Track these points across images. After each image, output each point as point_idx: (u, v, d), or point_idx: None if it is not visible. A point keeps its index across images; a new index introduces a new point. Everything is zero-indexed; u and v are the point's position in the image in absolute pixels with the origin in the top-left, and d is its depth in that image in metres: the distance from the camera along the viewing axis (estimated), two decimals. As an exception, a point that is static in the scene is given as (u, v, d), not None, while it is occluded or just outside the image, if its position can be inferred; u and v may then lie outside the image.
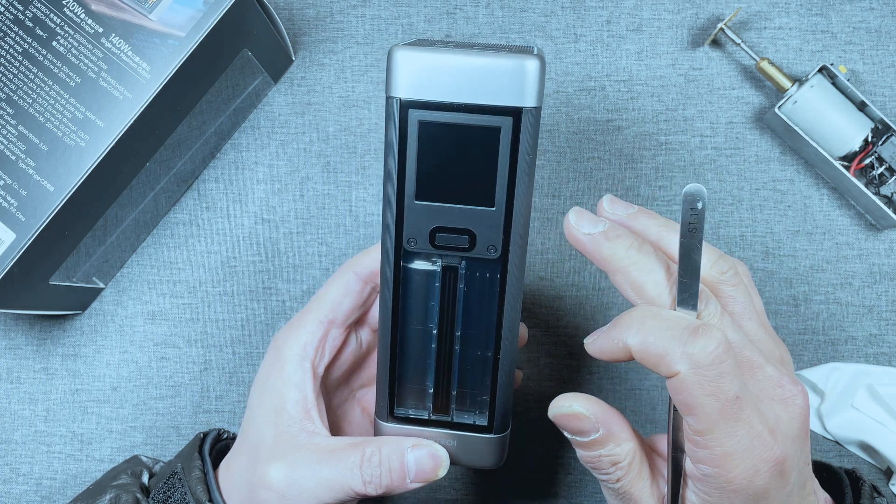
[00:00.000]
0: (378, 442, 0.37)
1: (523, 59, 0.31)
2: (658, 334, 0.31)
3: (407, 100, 0.32)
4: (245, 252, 0.54)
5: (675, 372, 0.30)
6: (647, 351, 0.31)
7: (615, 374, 0.52)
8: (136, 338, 0.53)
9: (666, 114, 0.54)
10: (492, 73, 0.31)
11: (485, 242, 0.34)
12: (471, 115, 0.32)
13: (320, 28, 0.55)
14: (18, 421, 0.53)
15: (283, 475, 0.36)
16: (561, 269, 0.53)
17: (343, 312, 0.39)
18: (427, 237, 0.34)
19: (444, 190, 0.33)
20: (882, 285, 0.52)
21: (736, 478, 0.31)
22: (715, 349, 0.30)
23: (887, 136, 0.50)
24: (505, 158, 0.32)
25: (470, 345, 0.36)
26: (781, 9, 0.54)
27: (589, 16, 0.55)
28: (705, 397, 0.30)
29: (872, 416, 0.50)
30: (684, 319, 0.31)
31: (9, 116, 0.44)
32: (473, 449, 0.37)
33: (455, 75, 0.31)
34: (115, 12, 0.44)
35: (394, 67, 0.31)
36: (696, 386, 0.30)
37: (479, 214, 0.33)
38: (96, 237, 0.49)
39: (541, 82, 0.31)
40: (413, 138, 0.32)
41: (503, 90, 0.31)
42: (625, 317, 0.32)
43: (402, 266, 0.35)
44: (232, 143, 0.54)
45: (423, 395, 0.37)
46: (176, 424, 0.53)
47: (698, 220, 0.31)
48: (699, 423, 0.30)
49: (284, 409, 0.38)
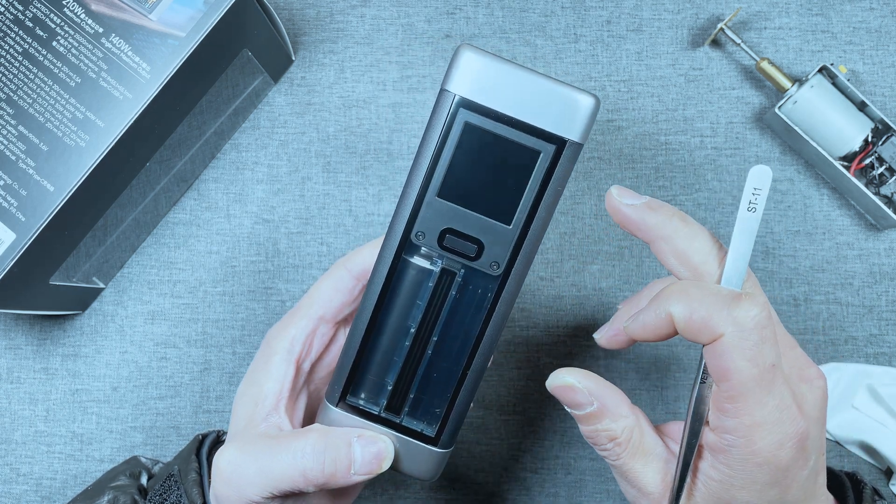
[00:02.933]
0: (323, 430, 0.36)
1: (581, 94, 0.32)
2: (703, 300, 0.31)
3: (461, 98, 0.32)
4: (245, 252, 0.54)
5: (718, 334, 0.31)
6: (691, 317, 0.31)
7: (615, 374, 0.52)
8: (136, 338, 0.53)
9: (666, 114, 0.54)
10: (549, 97, 0.32)
11: (491, 257, 0.34)
12: (517, 132, 0.32)
13: (320, 28, 0.55)
14: (18, 421, 0.53)
15: (229, 460, 0.36)
16: (561, 269, 0.53)
17: (333, 309, 0.39)
18: (436, 235, 0.34)
19: (467, 194, 0.33)
20: (882, 285, 0.52)
21: (762, 449, 0.31)
22: (759, 313, 0.30)
23: (887, 136, 0.50)
24: (536, 183, 0.33)
25: (442, 353, 0.36)
26: (781, 9, 0.54)
27: (589, 16, 0.55)
28: (745, 361, 0.30)
29: (872, 416, 0.50)
30: (725, 288, 0.32)
31: (9, 116, 0.44)
32: (413, 457, 0.37)
33: (514, 89, 0.32)
34: (115, 12, 0.44)
35: (457, 63, 0.32)
36: (737, 350, 0.30)
37: (494, 228, 0.34)
38: (96, 237, 0.49)
39: (591, 121, 0.32)
40: (455, 136, 0.33)
41: (555, 117, 0.32)
42: (666, 290, 0.33)
43: (401, 257, 0.35)
44: (232, 143, 0.54)
45: (380, 389, 0.37)
46: (176, 424, 0.53)
47: (759, 201, 0.32)
48: (733, 388, 0.31)
49: (261, 401, 0.38)
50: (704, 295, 0.31)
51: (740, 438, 0.31)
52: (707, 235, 0.33)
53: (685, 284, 0.32)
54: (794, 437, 0.31)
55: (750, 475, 0.32)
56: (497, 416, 0.52)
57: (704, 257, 0.33)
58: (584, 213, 0.53)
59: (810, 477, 0.32)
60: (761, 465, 0.31)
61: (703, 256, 0.33)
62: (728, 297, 0.31)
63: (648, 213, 0.33)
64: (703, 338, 0.31)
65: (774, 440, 0.31)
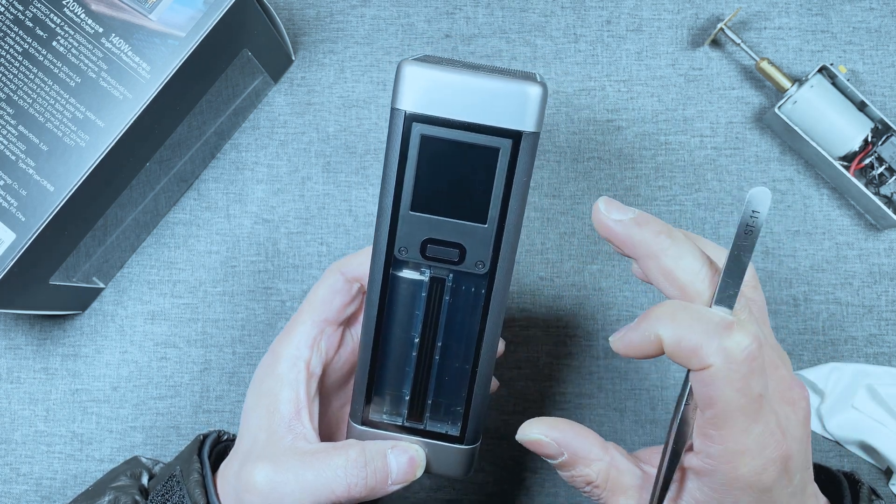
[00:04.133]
0: (361, 445, 0.37)
1: (527, 85, 0.32)
2: (692, 327, 0.31)
3: (411, 113, 0.33)
4: (245, 252, 0.54)
5: (707, 365, 0.30)
6: (680, 344, 0.31)
7: (615, 374, 0.52)
8: (136, 338, 0.53)
9: (666, 114, 0.54)
10: (496, 95, 0.32)
11: (474, 258, 0.35)
12: (472, 134, 0.33)
13: (320, 28, 0.55)
14: (18, 421, 0.53)
15: (267, 478, 0.36)
16: (561, 269, 0.53)
17: (334, 310, 0.40)
18: (418, 247, 0.35)
19: (439, 203, 0.34)
20: (882, 285, 0.52)
21: (745, 475, 0.31)
22: (749, 344, 0.30)
23: (887, 136, 0.50)
24: (501, 178, 0.33)
25: (449, 356, 0.37)
26: (781, 9, 0.54)
27: (589, 16, 0.55)
28: (732, 392, 0.30)
29: (872, 416, 0.50)
30: (717, 314, 0.31)
31: (9, 116, 0.44)
32: (444, 458, 0.38)
33: (460, 94, 0.32)
34: (115, 12, 0.44)
35: (401, 81, 0.32)
36: (725, 381, 0.30)
37: (471, 230, 0.34)
38: (96, 237, 0.49)
39: (542, 109, 0.33)
40: (414, 151, 0.33)
41: (505, 113, 0.32)
42: (655, 310, 0.32)
43: (391, 274, 0.35)
44: (232, 143, 0.54)
45: (399, 401, 0.38)
46: (176, 424, 0.53)
47: (757, 223, 0.31)
48: (718, 416, 0.31)
49: (277, 410, 0.38)
50: (694, 321, 0.31)
51: (724, 464, 0.31)
52: (696, 254, 0.33)
53: (674, 306, 0.32)
54: (777, 461, 0.31)
55: (733, 497, 0.32)
56: (497, 416, 0.52)
57: (692, 277, 0.32)
58: (584, 213, 0.53)
59: (795, 493, 0.33)
60: (744, 488, 0.31)
61: (691, 276, 0.32)
62: (719, 325, 0.30)
63: (635, 229, 0.33)
64: (691, 365, 0.31)
65: (758, 465, 0.31)
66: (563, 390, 0.52)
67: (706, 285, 0.32)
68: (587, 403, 0.52)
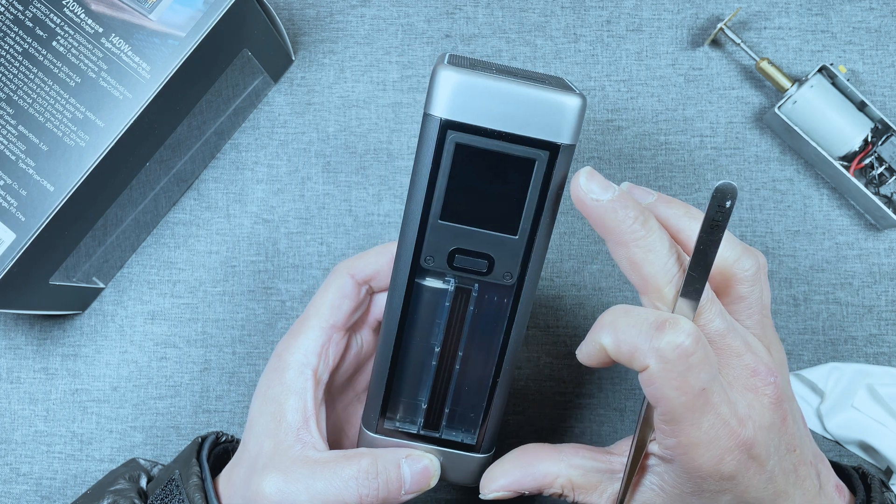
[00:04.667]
0: (373, 454, 0.36)
1: (566, 96, 0.31)
2: (627, 331, 0.31)
3: (447, 120, 0.31)
4: (245, 252, 0.54)
5: (644, 366, 0.31)
6: (619, 349, 0.32)
7: (615, 374, 0.52)
8: (136, 338, 0.53)
9: (666, 114, 0.54)
10: (535, 105, 0.31)
11: (502, 269, 0.34)
12: (508, 144, 0.32)
13: (320, 28, 0.55)
14: (18, 421, 0.53)
15: (277, 488, 0.36)
16: (561, 269, 0.53)
17: (343, 316, 0.39)
18: (445, 257, 0.34)
19: (469, 213, 0.33)
20: (882, 285, 0.52)
21: (702, 465, 0.32)
22: (681, 343, 0.30)
23: (887, 136, 0.50)
24: (536, 190, 0.32)
25: (470, 365, 0.36)
26: (781, 9, 0.54)
27: (589, 16, 0.55)
28: (672, 391, 0.30)
29: (872, 416, 0.50)
30: (652, 314, 0.31)
31: (9, 116, 0.44)
32: (459, 466, 0.38)
33: (497, 103, 0.31)
34: (115, 12, 0.44)
35: (436, 86, 0.31)
36: (662, 380, 0.30)
37: (502, 241, 0.33)
38: (96, 237, 0.49)
39: (580, 121, 0.32)
40: (447, 159, 0.32)
41: (544, 124, 0.31)
42: (600, 318, 0.33)
43: (415, 282, 0.35)
44: (232, 143, 0.54)
45: (415, 409, 0.37)
46: (176, 425, 0.53)
47: (723, 217, 0.31)
48: (665, 413, 0.31)
49: (284, 418, 0.37)
50: (629, 325, 0.31)
51: (681, 456, 0.32)
52: (666, 247, 0.32)
53: (615, 313, 0.32)
54: (734, 449, 0.31)
55: (697, 485, 0.33)
56: (497, 416, 0.52)
57: (657, 271, 0.32)
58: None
59: (777, 476, 0.33)
60: (705, 477, 0.32)
61: (656, 270, 0.32)
62: (651, 326, 0.31)
63: (609, 213, 0.32)
64: (634, 367, 0.31)
65: (713, 455, 0.31)
66: (563, 390, 0.52)
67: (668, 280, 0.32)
68: (587, 403, 0.52)
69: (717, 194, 0.30)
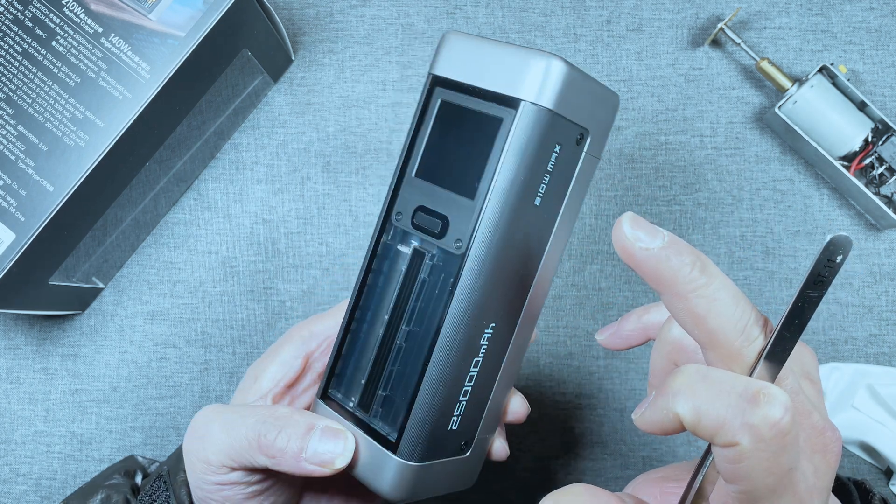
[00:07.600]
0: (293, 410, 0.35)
1: (547, 58, 0.30)
2: (712, 402, 0.27)
3: (435, 76, 0.32)
4: (245, 252, 0.54)
5: (733, 443, 0.26)
6: (700, 423, 0.27)
7: (615, 375, 0.52)
8: (135, 338, 0.53)
9: (666, 114, 0.54)
10: (514, 63, 0.30)
11: (455, 234, 0.31)
12: (482, 102, 0.31)
13: (320, 28, 0.55)
14: (18, 421, 0.53)
15: (203, 414, 0.36)
16: (561, 269, 0.53)
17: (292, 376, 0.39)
18: (411, 214, 0.32)
19: (439, 171, 0.32)
20: (882, 285, 0.52)
21: None
22: (780, 420, 0.26)
23: (887, 136, 0.50)
24: (498, 151, 0.30)
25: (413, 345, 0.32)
26: (781, 9, 0.54)
27: (589, 16, 0.54)
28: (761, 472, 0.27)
29: (872, 416, 0.50)
30: (740, 382, 0.27)
31: (9, 116, 0.44)
32: (373, 463, 0.33)
33: (481, 61, 0.31)
34: (114, 12, 0.44)
35: (440, 47, 0.32)
36: (754, 460, 0.26)
37: (458, 203, 0.31)
38: (96, 237, 0.49)
39: (560, 85, 0.30)
40: (431, 115, 0.32)
41: (515, 81, 0.30)
42: (671, 382, 0.28)
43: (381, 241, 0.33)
44: (232, 143, 0.54)
45: (355, 385, 0.34)
46: (176, 424, 0.53)
47: (831, 274, 0.27)
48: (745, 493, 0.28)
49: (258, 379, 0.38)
50: (715, 393, 0.27)
51: None
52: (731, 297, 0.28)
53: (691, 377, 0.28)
54: None
55: None
56: (497, 416, 0.52)
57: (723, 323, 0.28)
58: (584, 213, 0.53)
59: None
60: None
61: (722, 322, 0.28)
62: (744, 396, 0.26)
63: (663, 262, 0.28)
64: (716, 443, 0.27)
65: None
66: (563, 390, 0.52)
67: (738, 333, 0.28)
68: (587, 403, 0.52)
69: (830, 247, 0.26)
